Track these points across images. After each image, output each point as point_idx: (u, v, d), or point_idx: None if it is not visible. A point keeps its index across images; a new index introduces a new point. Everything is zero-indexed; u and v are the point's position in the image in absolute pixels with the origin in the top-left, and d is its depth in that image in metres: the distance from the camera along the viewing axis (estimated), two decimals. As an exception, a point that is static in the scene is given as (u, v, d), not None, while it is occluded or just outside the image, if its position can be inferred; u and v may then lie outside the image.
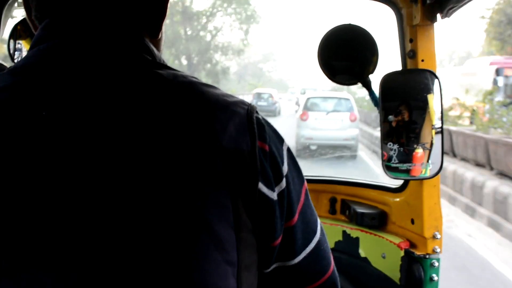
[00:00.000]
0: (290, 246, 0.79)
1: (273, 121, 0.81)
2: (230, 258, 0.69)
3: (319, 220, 0.85)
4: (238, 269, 0.70)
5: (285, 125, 16.00)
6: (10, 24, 1.51)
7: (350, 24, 1.57)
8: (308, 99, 15.81)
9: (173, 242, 0.65)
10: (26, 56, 0.74)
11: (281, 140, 0.79)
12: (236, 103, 0.75)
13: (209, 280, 0.67)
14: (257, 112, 0.76)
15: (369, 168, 13.11)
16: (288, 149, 0.80)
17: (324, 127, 14.68)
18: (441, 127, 1.48)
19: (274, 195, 0.74)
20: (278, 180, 0.75)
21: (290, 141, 13.89)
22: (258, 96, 28.59)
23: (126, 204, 0.65)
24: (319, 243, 0.83)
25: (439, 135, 1.48)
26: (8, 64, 1.45)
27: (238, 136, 0.71)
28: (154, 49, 0.78)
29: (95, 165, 0.65)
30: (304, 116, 15.08)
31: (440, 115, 1.49)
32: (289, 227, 0.77)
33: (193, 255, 0.66)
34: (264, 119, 0.78)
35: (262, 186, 0.72)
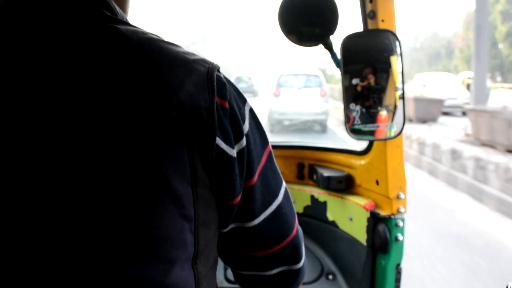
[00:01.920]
0: (248, 206, 0.78)
1: (253, 101, 0.80)
2: (186, 212, 0.69)
3: (284, 185, 0.84)
4: (195, 224, 0.70)
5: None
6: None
7: None
8: (280, 76, 16.04)
9: (128, 195, 0.65)
10: None
11: (243, 100, 0.79)
12: (196, 61, 0.73)
13: (165, 233, 0.67)
14: (218, 71, 0.75)
15: (337, 138, 13.41)
16: (251, 110, 0.80)
17: (296, 102, 14.97)
18: (403, 88, 1.49)
19: (233, 152, 0.73)
20: (238, 138, 0.74)
21: (263, 117, 14.09)
22: (239, 79, 29.75)
23: (81, 158, 0.64)
24: (280, 206, 0.82)
25: (401, 95, 1.49)
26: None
27: (196, 92, 0.70)
28: (117, 6, 0.77)
29: (48, 120, 0.65)
30: (277, 92, 15.33)
31: (401, 76, 1.49)
32: (248, 187, 0.77)
33: (149, 208, 0.66)
34: (226, 78, 0.76)
35: (220, 142, 0.71)
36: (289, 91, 15.41)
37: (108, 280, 0.65)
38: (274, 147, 1.85)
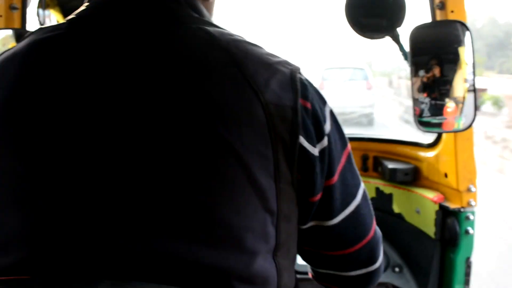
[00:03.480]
0: (328, 205, 0.79)
1: None
2: (269, 206, 0.70)
3: (362, 186, 0.85)
4: (277, 218, 0.72)
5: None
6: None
7: None
8: (325, 70, 15.89)
9: (215, 188, 0.67)
10: (83, 8, 0.77)
11: (323, 101, 0.80)
12: (280, 63, 0.76)
13: (249, 224, 0.69)
14: (300, 72, 0.77)
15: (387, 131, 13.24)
16: (331, 111, 0.81)
17: (341, 95, 14.78)
18: (473, 80, 1.47)
19: (315, 151, 0.75)
20: (320, 137, 0.76)
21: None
22: None
23: (174, 152, 0.67)
24: (358, 207, 0.83)
25: (472, 87, 1.46)
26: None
27: (281, 92, 0.72)
28: (204, 8, 0.80)
29: (137, 116, 0.68)
30: (321, 86, 15.18)
31: (472, 68, 1.47)
32: (328, 186, 0.78)
33: (235, 200, 0.68)
34: (307, 80, 0.78)
35: (303, 140, 0.73)
36: (334, 85, 15.23)
37: (191, 266, 0.66)
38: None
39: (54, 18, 1.53)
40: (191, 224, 0.66)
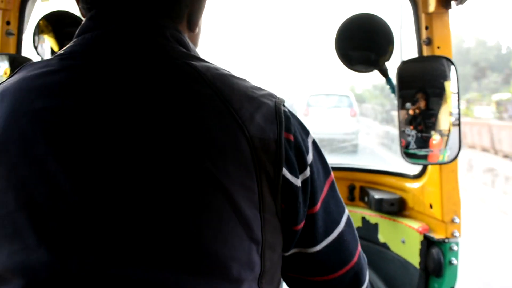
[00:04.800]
0: (311, 233, 0.81)
1: None
2: (255, 236, 0.73)
3: (346, 213, 0.87)
4: (262, 247, 0.74)
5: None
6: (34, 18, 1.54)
7: (365, 13, 1.60)
8: (310, 96, 16.11)
9: (200, 218, 0.69)
10: (72, 44, 0.79)
11: (306, 132, 0.83)
12: (264, 95, 0.78)
13: (234, 254, 0.71)
14: (284, 105, 0.80)
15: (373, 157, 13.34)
16: (314, 141, 0.84)
17: (326, 122, 14.94)
18: (458, 113, 1.51)
19: (298, 182, 0.77)
20: (302, 168, 0.78)
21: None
22: None
23: (157, 179, 0.69)
24: (341, 234, 0.84)
25: (457, 121, 1.51)
26: (33, 58, 1.49)
27: (266, 125, 0.75)
28: (190, 43, 0.83)
29: (128, 151, 0.69)
30: (306, 111, 15.37)
31: (457, 101, 1.51)
32: (311, 214, 0.80)
33: (220, 230, 0.70)
34: (290, 111, 0.81)
35: (286, 172, 0.75)
36: (319, 111, 15.40)
37: None
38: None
39: (48, 44, 1.55)
40: (178, 255, 0.68)
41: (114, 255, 0.67)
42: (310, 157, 0.80)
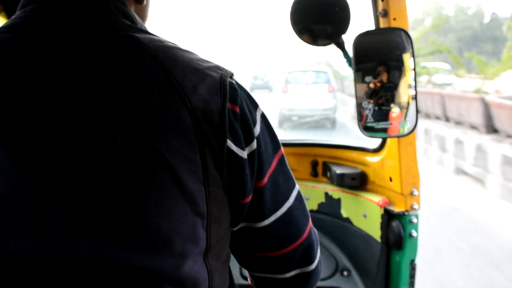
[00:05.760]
0: (258, 207, 0.81)
1: (268, 96, 0.82)
2: (199, 209, 0.72)
3: (296, 188, 0.87)
4: (207, 221, 0.74)
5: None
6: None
7: None
8: (289, 73, 16.13)
9: (140, 191, 0.68)
10: (13, 17, 0.78)
11: (255, 105, 0.82)
12: (210, 68, 0.77)
13: (178, 228, 0.70)
14: (231, 77, 0.78)
15: (348, 132, 13.48)
16: (263, 115, 0.83)
17: (304, 98, 15.03)
18: (415, 85, 1.50)
19: (244, 154, 0.76)
20: (249, 140, 0.77)
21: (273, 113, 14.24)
22: (255, 77, 31.16)
23: (96, 152, 0.68)
24: (290, 209, 0.84)
25: (414, 93, 1.50)
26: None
27: (209, 96, 0.74)
28: (136, 15, 0.82)
29: (64, 122, 0.69)
30: (285, 88, 15.42)
31: (413, 73, 1.50)
32: (258, 188, 0.80)
33: (161, 203, 0.69)
34: (238, 83, 0.80)
35: (231, 144, 0.75)
36: (297, 87, 15.48)
37: (120, 271, 0.68)
38: (288, 145, 1.87)
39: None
40: (119, 229, 0.68)
41: (52, 233, 0.66)
42: (257, 130, 0.79)
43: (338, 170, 1.74)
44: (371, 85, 1.53)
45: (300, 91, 15.35)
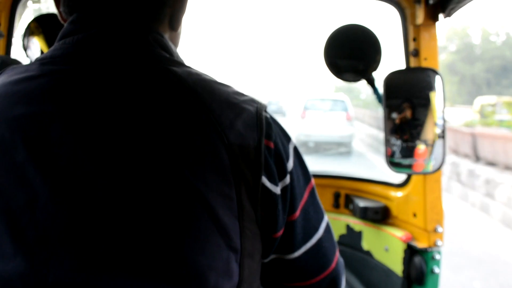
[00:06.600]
0: (290, 240, 0.82)
1: (281, 120, 0.84)
2: (233, 244, 0.73)
3: (325, 219, 0.88)
4: (241, 256, 0.74)
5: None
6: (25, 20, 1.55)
7: (354, 24, 1.62)
8: (307, 100, 16.51)
9: (178, 227, 0.69)
10: (53, 48, 0.79)
11: (288, 138, 0.83)
12: (246, 101, 0.78)
13: (212, 262, 0.71)
14: (265, 111, 0.80)
15: (365, 161, 13.44)
16: (295, 148, 0.84)
17: (322, 125, 15.19)
18: (443, 124, 1.53)
19: (277, 190, 0.77)
20: (282, 176, 0.78)
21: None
22: (269, 102, 33.17)
23: (136, 188, 0.69)
24: (320, 240, 0.85)
25: (442, 132, 1.52)
26: (22, 59, 1.50)
27: (246, 132, 0.75)
28: (172, 46, 0.82)
29: (104, 157, 0.69)
30: (303, 114, 15.64)
31: (442, 112, 1.53)
32: (290, 222, 0.81)
33: (197, 238, 0.70)
34: (272, 117, 0.81)
35: (265, 181, 0.75)
36: (315, 114, 15.68)
37: None
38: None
39: (38, 46, 1.55)
40: (155, 263, 0.68)
41: (91, 265, 0.67)
42: (290, 164, 0.80)
43: (361, 203, 1.76)
44: (397, 121, 1.57)
45: (317, 118, 15.56)
